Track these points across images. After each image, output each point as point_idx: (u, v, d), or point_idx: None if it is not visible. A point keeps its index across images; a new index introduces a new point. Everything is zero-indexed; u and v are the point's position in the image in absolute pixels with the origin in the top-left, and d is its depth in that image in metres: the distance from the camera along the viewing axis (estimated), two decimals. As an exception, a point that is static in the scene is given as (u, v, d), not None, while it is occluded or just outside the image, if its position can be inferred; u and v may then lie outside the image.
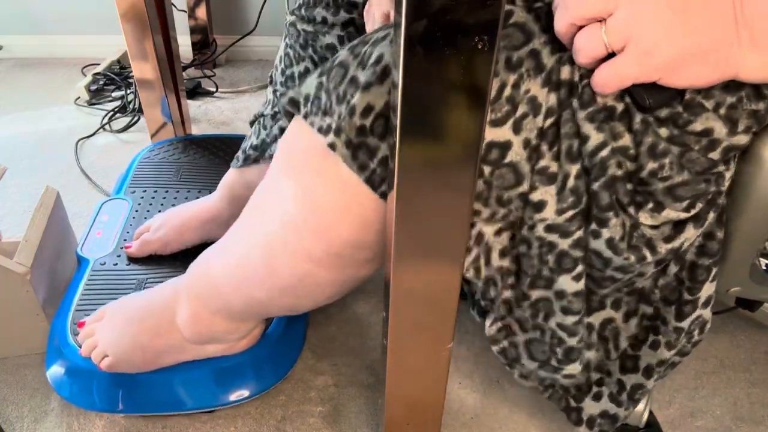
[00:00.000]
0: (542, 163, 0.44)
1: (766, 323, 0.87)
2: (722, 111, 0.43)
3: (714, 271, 0.50)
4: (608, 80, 0.40)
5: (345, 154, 0.45)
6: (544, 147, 0.43)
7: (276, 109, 0.76)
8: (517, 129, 0.42)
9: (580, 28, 0.40)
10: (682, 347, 0.55)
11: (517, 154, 0.43)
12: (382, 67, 0.43)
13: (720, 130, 0.43)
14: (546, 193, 0.45)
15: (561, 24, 0.40)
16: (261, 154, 0.79)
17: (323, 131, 0.46)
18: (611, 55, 0.40)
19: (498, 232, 0.49)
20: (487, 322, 0.55)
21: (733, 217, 0.49)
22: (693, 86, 0.41)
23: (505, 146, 0.43)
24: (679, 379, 0.79)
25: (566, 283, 0.48)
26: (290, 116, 0.52)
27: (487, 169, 0.43)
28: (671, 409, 0.75)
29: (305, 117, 0.48)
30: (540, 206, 0.45)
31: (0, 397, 0.73)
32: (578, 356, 0.53)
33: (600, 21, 0.39)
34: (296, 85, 0.51)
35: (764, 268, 0.52)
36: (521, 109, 0.42)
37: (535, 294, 0.51)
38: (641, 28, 0.38)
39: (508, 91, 0.42)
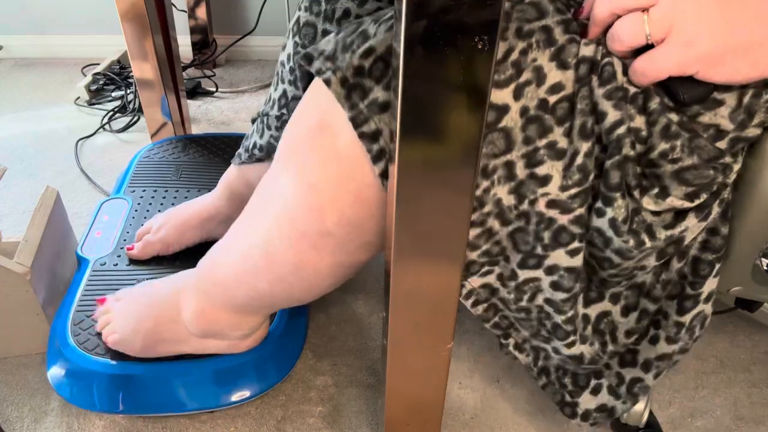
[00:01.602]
0: (550, 137, 0.44)
1: (766, 323, 0.87)
2: (745, 99, 0.43)
3: (717, 266, 0.50)
4: (646, 70, 0.41)
5: (339, 92, 0.45)
6: (551, 122, 0.43)
7: (283, 111, 0.76)
8: (517, 95, 0.42)
9: (618, 17, 0.40)
10: (684, 344, 0.55)
11: (512, 119, 0.43)
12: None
13: (727, 125, 0.43)
14: (552, 168, 0.45)
15: (601, 11, 0.41)
16: (266, 154, 0.79)
17: (322, 72, 0.46)
18: (647, 46, 0.40)
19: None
20: (468, 303, 0.55)
21: (737, 215, 0.49)
22: (730, 82, 0.41)
23: (502, 109, 0.43)
24: (679, 379, 0.79)
25: (560, 257, 0.48)
26: (305, 79, 0.51)
27: None
28: (671, 409, 0.75)
29: (312, 67, 0.48)
30: (545, 180, 0.45)
31: (0, 397, 0.73)
32: (564, 337, 0.53)
33: (642, 10, 0.39)
34: None
35: (766, 268, 0.52)
36: (525, 76, 0.42)
37: (524, 274, 0.51)
38: (684, 19, 0.39)
39: (514, 56, 0.42)
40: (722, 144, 0.44)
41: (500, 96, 0.42)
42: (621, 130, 0.43)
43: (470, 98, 0.36)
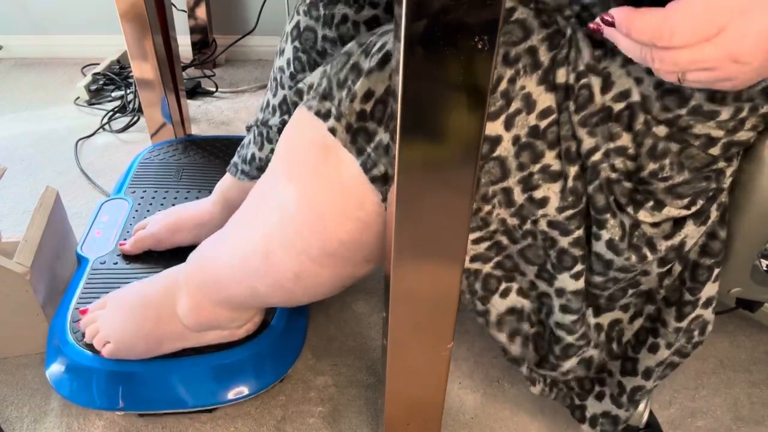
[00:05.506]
0: (543, 162, 0.44)
1: (766, 323, 0.87)
2: (742, 114, 0.42)
3: (716, 271, 0.50)
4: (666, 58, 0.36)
5: (345, 138, 0.45)
6: (543, 147, 0.43)
7: (285, 117, 0.74)
8: (508, 125, 0.43)
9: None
10: (681, 347, 0.55)
11: (505, 149, 0.43)
12: (384, 53, 0.43)
13: (718, 134, 0.43)
14: (549, 190, 0.45)
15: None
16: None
17: (321, 115, 0.46)
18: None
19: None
20: (502, 336, 0.56)
21: (734, 218, 0.49)
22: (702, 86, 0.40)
23: (495, 141, 0.43)
24: (679, 379, 0.79)
25: (566, 280, 0.49)
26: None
27: None
28: (671, 409, 0.75)
29: (306, 104, 0.48)
30: (543, 202, 0.45)
31: (0, 397, 0.73)
32: (576, 352, 0.53)
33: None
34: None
35: (765, 269, 0.52)
36: (515, 105, 0.42)
37: (541, 286, 0.51)
38: (743, 41, 0.34)
39: (503, 86, 0.42)
40: (715, 150, 0.44)
41: (492, 128, 0.43)
42: (596, 156, 0.43)
43: (470, 98, 0.36)
